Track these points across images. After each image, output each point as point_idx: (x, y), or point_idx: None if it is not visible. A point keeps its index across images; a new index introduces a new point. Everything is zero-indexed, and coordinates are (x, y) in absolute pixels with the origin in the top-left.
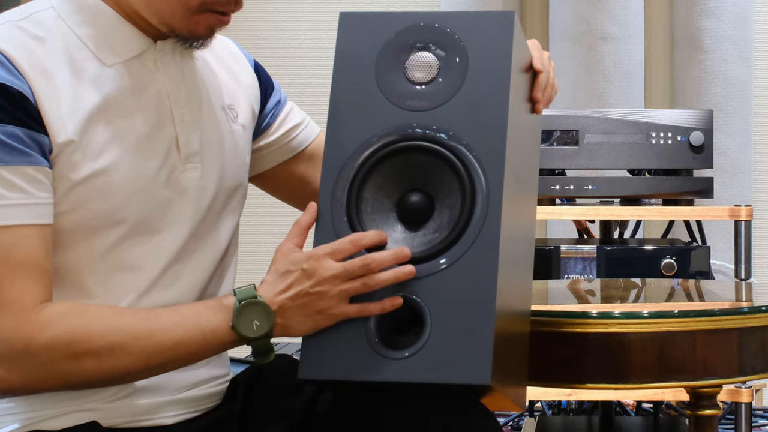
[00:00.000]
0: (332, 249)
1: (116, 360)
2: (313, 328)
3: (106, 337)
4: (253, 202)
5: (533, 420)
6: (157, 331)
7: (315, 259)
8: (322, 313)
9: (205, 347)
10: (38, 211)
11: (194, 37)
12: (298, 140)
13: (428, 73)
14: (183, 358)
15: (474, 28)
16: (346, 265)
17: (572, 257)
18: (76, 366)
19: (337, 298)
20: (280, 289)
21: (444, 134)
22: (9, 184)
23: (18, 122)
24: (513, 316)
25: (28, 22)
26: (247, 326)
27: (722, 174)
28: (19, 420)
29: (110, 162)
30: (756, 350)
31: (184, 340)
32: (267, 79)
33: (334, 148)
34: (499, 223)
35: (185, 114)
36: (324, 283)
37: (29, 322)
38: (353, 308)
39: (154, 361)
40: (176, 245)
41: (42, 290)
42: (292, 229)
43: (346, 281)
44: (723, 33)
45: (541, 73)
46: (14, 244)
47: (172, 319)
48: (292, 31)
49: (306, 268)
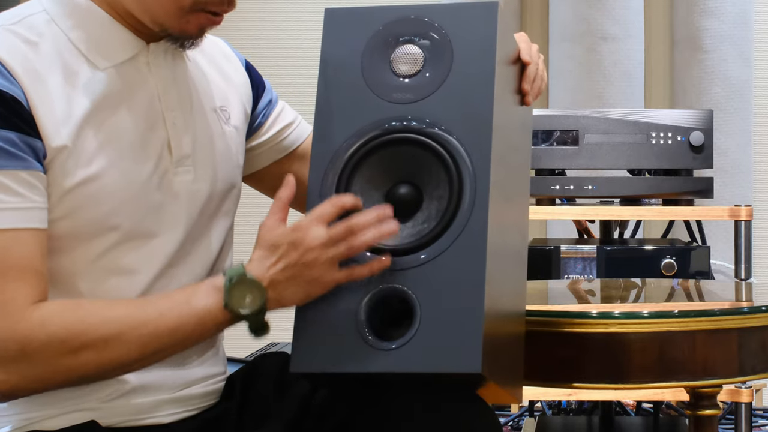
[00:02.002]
0: (316, 215)
1: (114, 351)
2: (307, 297)
3: (101, 329)
4: (250, 202)
5: (533, 420)
6: (153, 318)
7: (300, 230)
8: (313, 282)
9: (201, 329)
10: (34, 215)
11: (186, 36)
12: (290, 139)
13: (414, 66)
14: (180, 343)
15: (458, 18)
16: (330, 232)
17: (572, 257)
18: (75, 361)
19: (327, 264)
20: (270, 264)
21: (430, 126)
22: (5, 188)
23: (12, 127)
24: (505, 309)
25: (21, 26)
26: (240, 303)
27: (722, 174)
28: (16, 420)
29: (102, 167)
30: (756, 350)
31: (180, 325)
32: (258, 78)
33: (322, 142)
34: (486, 212)
35: (177, 117)
36: (312, 251)
37: (24, 321)
38: (342, 274)
39: (151, 348)
40: (170, 249)
41: (36, 292)
42: (274, 204)
43: (332, 247)
44: (723, 33)
45: (530, 64)
46: (9, 247)
47: (165, 304)
48: (292, 31)
49: (292, 240)
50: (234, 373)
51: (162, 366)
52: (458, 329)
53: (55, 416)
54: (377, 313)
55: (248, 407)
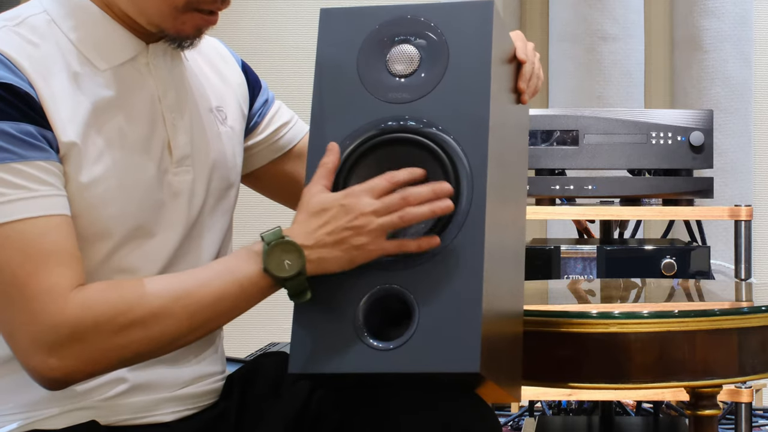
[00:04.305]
0: (368, 186)
1: (162, 324)
2: (350, 263)
3: (146, 304)
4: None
5: (533, 420)
6: (195, 288)
7: (353, 196)
8: (360, 248)
9: (245, 296)
10: (62, 203)
11: (182, 37)
12: (287, 139)
13: (409, 66)
14: (226, 312)
15: (453, 18)
16: (384, 200)
17: (572, 257)
18: (125, 338)
19: (376, 232)
20: (317, 225)
21: (427, 126)
22: (33, 177)
23: (29, 120)
24: (503, 308)
25: (23, 27)
26: (279, 266)
27: (722, 174)
28: (18, 420)
29: (106, 169)
30: (756, 350)
31: (223, 293)
32: (254, 78)
33: (319, 142)
34: (483, 211)
35: (176, 117)
36: (363, 217)
37: (71, 305)
38: (392, 244)
39: (198, 319)
40: (170, 248)
41: (77, 275)
42: (319, 171)
43: (385, 215)
44: (723, 33)
45: (526, 63)
46: (44, 234)
47: (206, 274)
48: (292, 31)
49: (344, 203)
50: (233, 372)
51: (161, 364)
52: (456, 329)
53: (56, 415)
54: (375, 314)
55: (247, 407)
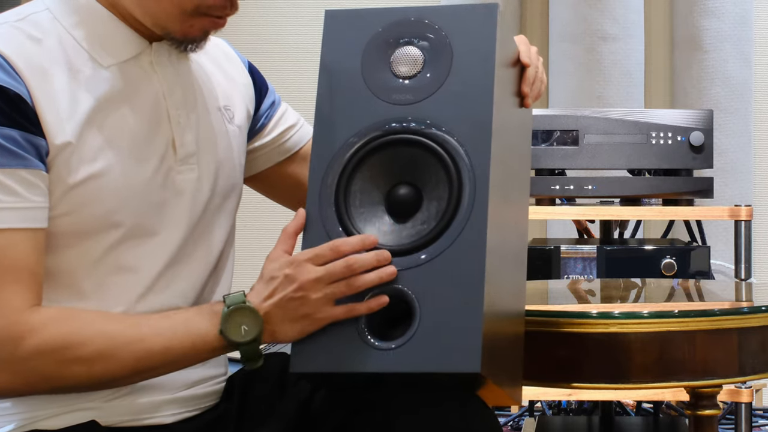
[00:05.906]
0: (313, 254)
1: (106, 366)
2: (300, 333)
3: (95, 343)
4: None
5: (533, 420)
6: (147, 336)
7: (296, 265)
8: (307, 317)
9: (194, 352)
10: (31, 215)
11: (188, 39)
12: (293, 141)
13: (413, 67)
14: (172, 363)
15: (458, 20)
16: (328, 268)
17: (572, 257)
18: (65, 371)
19: (322, 301)
20: (266, 295)
21: (430, 127)
22: (2, 187)
23: (15, 125)
24: (505, 309)
25: (25, 23)
26: (235, 331)
27: (722, 174)
28: (17, 420)
29: (106, 164)
30: (756, 350)
31: (173, 345)
32: (261, 80)
33: (322, 143)
34: (486, 212)
35: (181, 115)
36: (306, 287)
37: (19, 325)
38: (340, 310)
39: (142, 366)
40: (173, 247)
41: (32, 295)
42: (281, 236)
43: (329, 284)
44: (723, 33)
45: (529, 67)
46: (5, 247)
47: (162, 324)
48: (293, 31)
49: (288, 273)
50: (234, 373)
51: None
52: (458, 329)
53: (56, 415)
54: (377, 313)
55: (248, 408)
